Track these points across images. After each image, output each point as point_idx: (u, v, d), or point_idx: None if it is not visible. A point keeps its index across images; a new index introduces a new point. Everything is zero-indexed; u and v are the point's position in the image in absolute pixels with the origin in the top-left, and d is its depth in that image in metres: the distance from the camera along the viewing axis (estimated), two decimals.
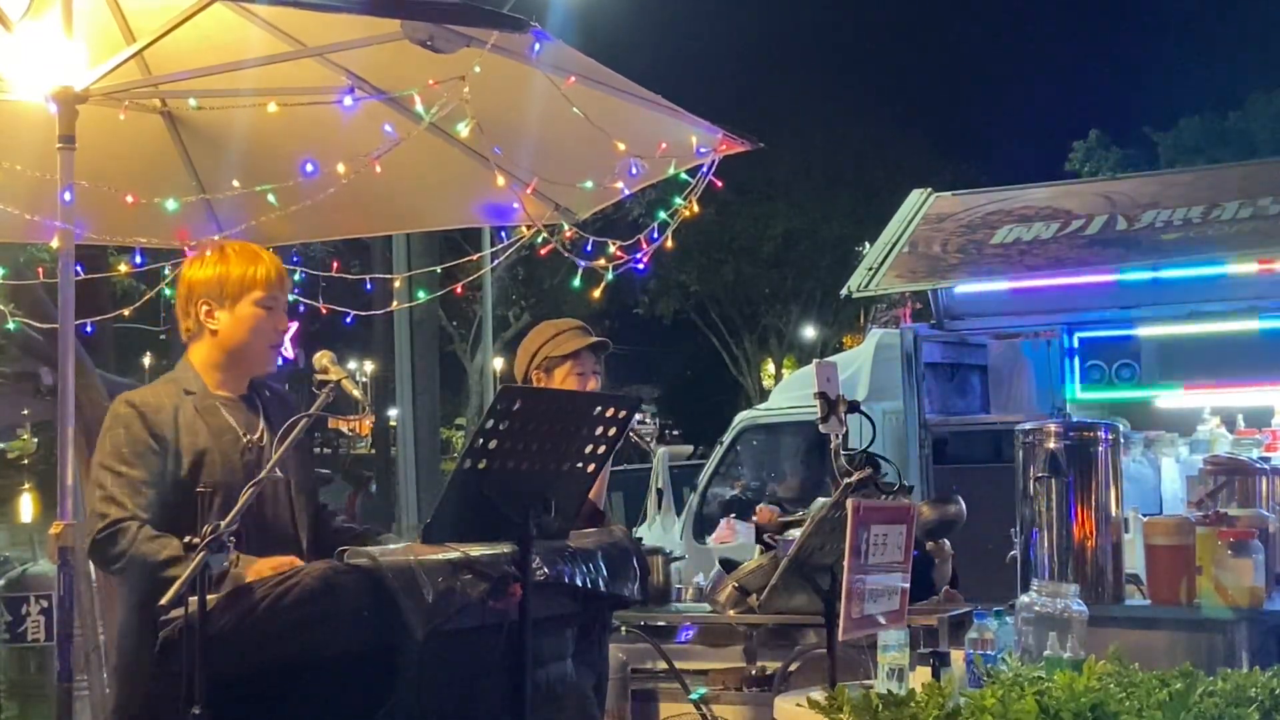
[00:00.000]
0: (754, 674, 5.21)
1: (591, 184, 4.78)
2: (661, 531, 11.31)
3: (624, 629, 5.22)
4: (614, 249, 4.93)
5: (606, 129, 4.36)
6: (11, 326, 5.69)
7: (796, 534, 4.51)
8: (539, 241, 5.01)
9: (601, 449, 3.43)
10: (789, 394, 11.48)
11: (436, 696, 3.24)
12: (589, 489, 3.59)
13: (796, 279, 31.41)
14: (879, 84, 38.39)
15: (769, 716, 4.24)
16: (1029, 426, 5.21)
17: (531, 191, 4.71)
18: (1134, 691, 3.14)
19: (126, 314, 5.84)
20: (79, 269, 4.25)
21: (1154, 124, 28.31)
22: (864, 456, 4.02)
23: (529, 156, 4.68)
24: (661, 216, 4.88)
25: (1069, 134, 29.08)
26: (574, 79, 4.24)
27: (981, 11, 46.37)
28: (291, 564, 3.20)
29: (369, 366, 27.93)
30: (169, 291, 5.69)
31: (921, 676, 3.63)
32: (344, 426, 3.98)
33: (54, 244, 4.16)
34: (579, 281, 5.11)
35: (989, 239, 7.86)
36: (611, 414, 3.41)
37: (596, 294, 5.10)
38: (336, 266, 5.91)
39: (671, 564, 5.72)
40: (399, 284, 5.92)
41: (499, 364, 21.72)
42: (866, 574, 3.59)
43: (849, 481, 3.87)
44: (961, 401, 8.01)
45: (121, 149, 4.74)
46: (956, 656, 3.87)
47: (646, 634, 5.33)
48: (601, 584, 3.64)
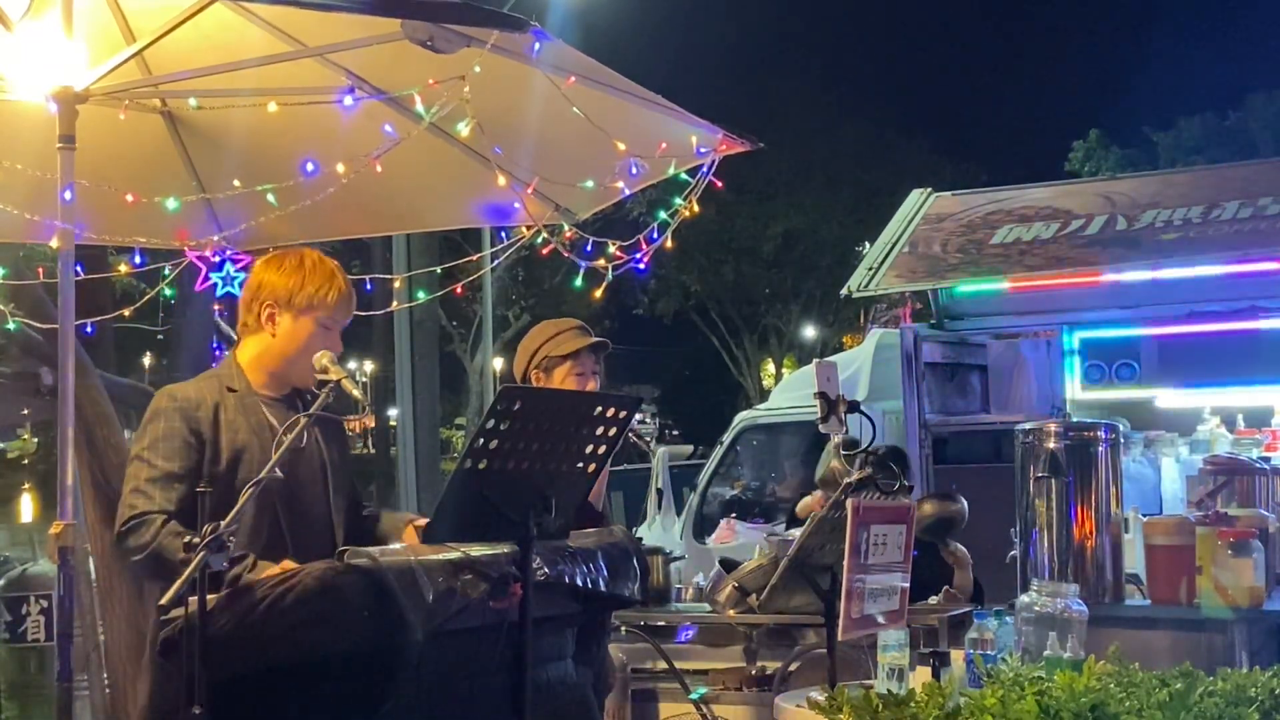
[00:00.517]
0: (754, 674, 5.20)
1: (592, 184, 4.78)
2: (661, 531, 11.32)
3: (624, 629, 5.22)
4: (614, 249, 4.93)
5: (606, 129, 4.36)
6: (12, 326, 5.69)
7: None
8: (539, 241, 5.01)
9: (602, 449, 3.43)
10: (789, 394, 11.48)
11: (437, 696, 3.24)
12: (589, 489, 3.58)
13: (796, 279, 31.43)
14: (879, 84, 38.55)
15: (769, 716, 4.24)
16: (1029, 426, 5.21)
17: (532, 191, 4.71)
18: (1134, 691, 3.14)
19: (127, 314, 5.83)
20: (79, 269, 4.26)
21: (1154, 124, 28.40)
22: (870, 455, 4.02)
23: (529, 156, 4.68)
24: (661, 216, 4.88)
25: (1069, 134, 29.18)
26: (574, 79, 4.24)
27: (982, 11, 46.43)
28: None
29: (369, 366, 27.91)
30: (169, 292, 5.71)
31: (921, 676, 3.64)
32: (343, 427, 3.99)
33: (54, 244, 4.16)
34: (579, 281, 5.11)
35: (989, 239, 7.85)
36: (611, 414, 3.40)
37: (597, 294, 5.10)
38: None
39: (671, 564, 5.73)
40: (399, 284, 5.93)
41: (499, 364, 21.71)
42: (866, 574, 3.60)
43: (849, 481, 3.87)
44: (961, 401, 8.00)
45: (121, 149, 4.74)
46: (956, 656, 3.87)
47: (646, 634, 5.32)
48: (602, 584, 3.63)
